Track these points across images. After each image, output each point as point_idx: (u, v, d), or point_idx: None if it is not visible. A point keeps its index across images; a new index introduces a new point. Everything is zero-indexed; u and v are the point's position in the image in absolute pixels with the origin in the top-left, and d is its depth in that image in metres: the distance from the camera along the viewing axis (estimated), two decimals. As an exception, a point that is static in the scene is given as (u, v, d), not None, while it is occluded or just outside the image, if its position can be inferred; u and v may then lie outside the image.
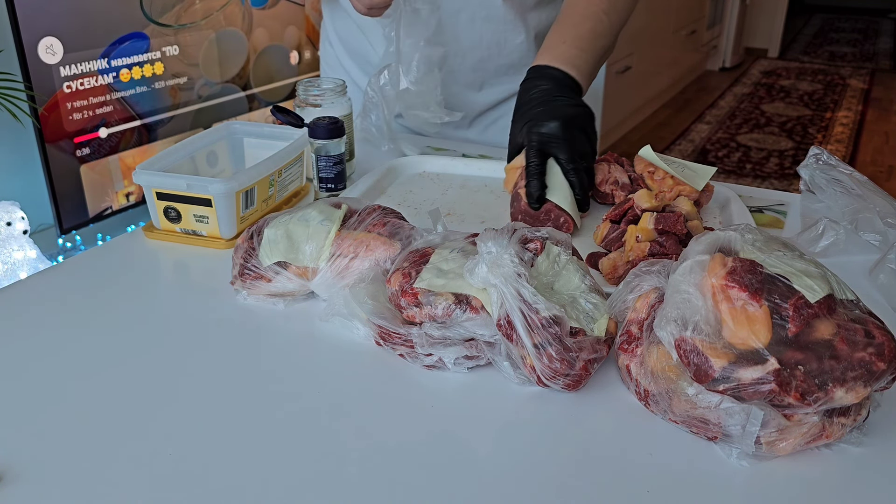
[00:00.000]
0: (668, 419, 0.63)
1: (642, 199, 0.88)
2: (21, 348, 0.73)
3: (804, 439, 0.58)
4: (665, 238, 0.83)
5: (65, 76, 2.13)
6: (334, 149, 1.03)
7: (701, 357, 0.58)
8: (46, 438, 0.61)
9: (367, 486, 0.57)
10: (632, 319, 0.67)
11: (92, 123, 2.24)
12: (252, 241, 0.79)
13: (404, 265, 0.72)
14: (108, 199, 2.35)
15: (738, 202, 0.98)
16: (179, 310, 0.80)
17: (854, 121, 4.55)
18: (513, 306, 0.63)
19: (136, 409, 0.65)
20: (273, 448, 0.60)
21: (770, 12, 6.08)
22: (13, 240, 2.04)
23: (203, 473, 0.58)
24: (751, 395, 0.57)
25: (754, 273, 0.59)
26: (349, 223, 0.80)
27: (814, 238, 0.89)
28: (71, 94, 2.16)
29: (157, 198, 0.91)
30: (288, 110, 1.09)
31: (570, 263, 0.70)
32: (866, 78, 5.53)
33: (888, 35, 7.08)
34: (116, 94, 2.29)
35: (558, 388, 0.65)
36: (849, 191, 0.94)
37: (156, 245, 0.93)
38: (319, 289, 0.78)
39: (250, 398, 0.66)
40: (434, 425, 0.63)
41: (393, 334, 0.70)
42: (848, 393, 0.55)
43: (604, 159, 1.06)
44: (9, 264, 2.03)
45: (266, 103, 2.83)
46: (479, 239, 0.67)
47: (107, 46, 2.23)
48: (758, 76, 5.58)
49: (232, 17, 2.61)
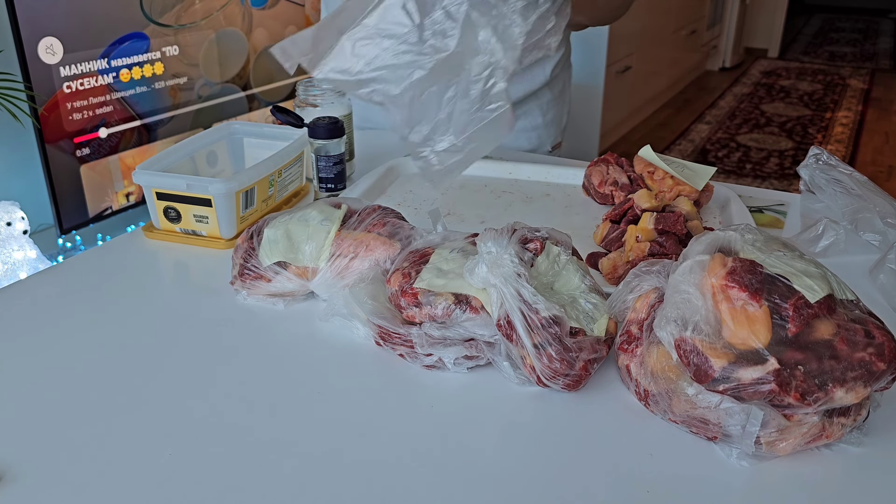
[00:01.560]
0: (668, 419, 0.62)
1: (642, 199, 0.88)
2: (21, 348, 0.73)
3: (804, 439, 0.58)
4: (665, 238, 0.83)
5: (65, 76, 2.13)
6: (334, 149, 1.03)
7: (701, 357, 0.58)
8: (46, 438, 0.61)
9: (367, 485, 0.57)
10: (632, 319, 0.67)
11: (92, 123, 2.24)
12: (252, 241, 0.79)
13: (404, 265, 0.72)
14: (108, 199, 2.35)
15: (738, 202, 0.98)
16: (179, 310, 0.80)
17: (854, 121, 4.55)
18: (513, 306, 0.63)
19: (136, 408, 0.65)
20: (273, 448, 0.60)
21: (770, 12, 6.08)
22: (13, 240, 2.04)
23: (202, 473, 0.58)
24: (751, 396, 0.57)
25: (754, 273, 0.59)
26: (349, 223, 0.80)
27: (814, 238, 0.89)
28: (71, 94, 2.16)
29: (156, 198, 0.91)
30: (288, 110, 1.09)
31: (569, 263, 0.71)
32: (866, 78, 5.53)
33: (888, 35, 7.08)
34: (116, 94, 2.29)
35: (558, 389, 0.65)
36: (849, 191, 0.94)
37: (156, 245, 0.93)
38: (319, 289, 0.78)
39: (250, 398, 0.66)
40: (434, 425, 0.63)
41: (393, 334, 0.70)
42: (848, 393, 0.55)
43: (603, 159, 1.06)
44: (9, 264, 2.02)
45: (266, 103, 2.83)
46: (479, 239, 0.67)
47: (107, 46, 2.23)
48: (758, 76, 5.57)
49: (232, 17, 2.61)
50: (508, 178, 1.11)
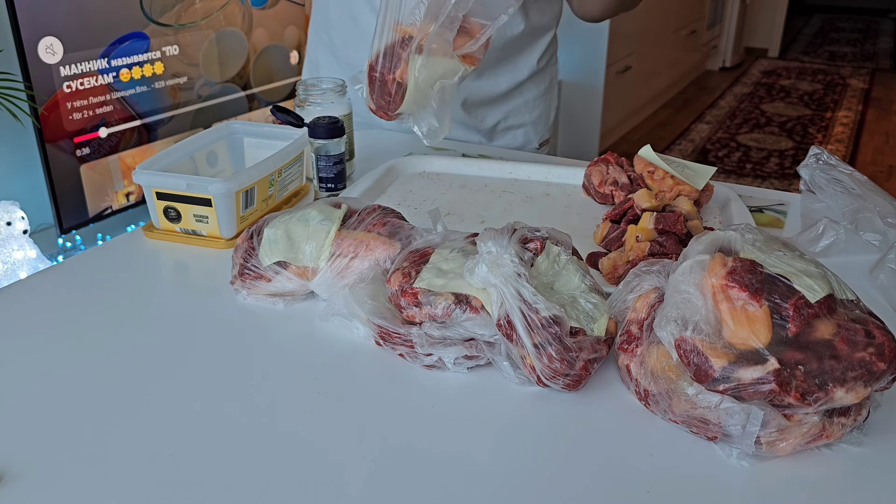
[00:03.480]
0: (668, 419, 0.62)
1: (642, 199, 0.88)
2: (21, 348, 0.73)
3: (804, 439, 0.58)
4: (665, 238, 0.83)
5: (65, 76, 2.13)
6: (334, 149, 1.03)
7: (701, 357, 0.57)
8: (46, 438, 0.61)
9: (367, 486, 0.57)
10: (632, 319, 0.67)
11: (92, 123, 2.24)
12: (252, 241, 0.79)
13: (404, 265, 0.72)
14: (107, 199, 2.35)
15: (738, 202, 0.98)
16: (179, 310, 0.80)
17: (854, 121, 4.55)
18: (513, 306, 0.63)
19: (136, 408, 0.64)
20: (272, 448, 0.60)
21: (770, 12, 6.08)
22: (13, 239, 2.04)
23: (202, 473, 0.58)
24: (751, 395, 0.57)
25: (754, 273, 0.59)
26: (349, 223, 0.80)
27: (814, 238, 0.89)
28: (71, 93, 2.16)
29: (156, 197, 0.91)
30: (288, 110, 1.09)
31: (570, 263, 0.70)
32: (866, 78, 5.53)
33: (888, 35, 7.08)
34: (116, 94, 2.29)
35: (558, 388, 0.65)
36: (849, 191, 0.94)
37: (156, 245, 0.93)
38: (319, 289, 0.78)
39: (250, 398, 0.66)
40: (434, 425, 0.63)
41: (393, 334, 0.70)
42: (848, 393, 0.55)
43: (603, 159, 1.06)
44: (9, 264, 2.02)
45: (266, 103, 2.83)
46: (479, 239, 0.67)
47: (107, 46, 2.23)
48: (758, 76, 5.57)
49: (232, 17, 2.61)
50: (508, 178, 1.11)
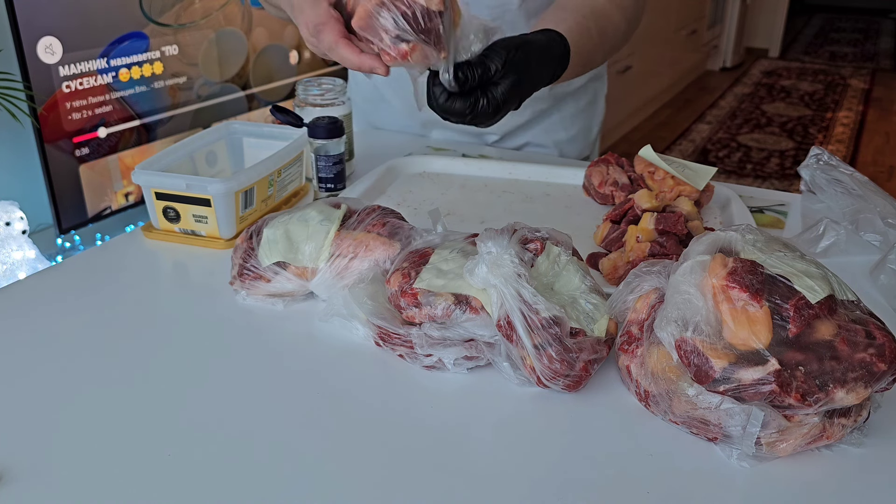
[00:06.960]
0: (668, 420, 0.62)
1: (643, 200, 0.88)
2: (20, 348, 0.73)
3: (804, 440, 0.58)
4: (665, 238, 0.83)
5: (64, 76, 2.13)
6: (334, 149, 1.03)
7: (701, 358, 0.57)
8: (46, 438, 0.61)
9: (367, 486, 0.56)
10: (632, 320, 0.67)
11: (91, 123, 2.24)
12: (251, 242, 0.79)
13: (404, 265, 0.72)
14: (107, 199, 2.35)
15: (739, 202, 0.98)
16: (178, 310, 0.80)
17: (855, 121, 4.55)
18: (513, 307, 0.63)
19: (135, 408, 0.64)
20: (272, 448, 0.60)
21: (771, 12, 6.08)
22: (12, 240, 2.03)
23: (202, 473, 0.57)
24: (751, 396, 0.56)
25: (755, 273, 0.58)
26: (349, 223, 0.79)
27: (814, 238, 0.89)
28: (70, 93, 2.16)
29: (156, 198, 0.91)
30: (287, 110, 1.09)
31: (570, 264, 0.70)
32: (867, 78, 5.53)
33: (889, 35, 7.07)
34: (116, 94, 2.29)
35: (558, 389, 0.65)
36: (849, 191, 0.94)
37: (155, 245, 0.93)
38: (319, 289, 0.78)
39: (249, 399, 0.66)
40: (434, 426, 0.63)
41: (392, 335, 0.70)
42: (849, 394, 0.55)
43: (604, 160, 1.05)
44: (8, 264, 2.02)
45: (266, 103, 2.83)
46: (479, 239, 0.66)
47: (106, 46, 2.23)
48: (758, 76, 5.57)
49: (231, 17, 2.61)
50: (508, 178, 1.11)
